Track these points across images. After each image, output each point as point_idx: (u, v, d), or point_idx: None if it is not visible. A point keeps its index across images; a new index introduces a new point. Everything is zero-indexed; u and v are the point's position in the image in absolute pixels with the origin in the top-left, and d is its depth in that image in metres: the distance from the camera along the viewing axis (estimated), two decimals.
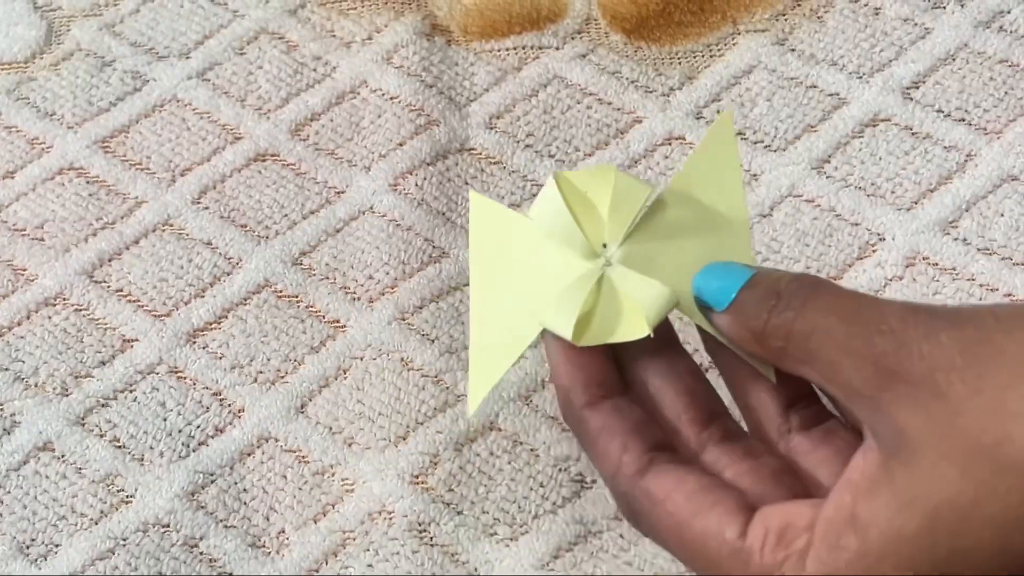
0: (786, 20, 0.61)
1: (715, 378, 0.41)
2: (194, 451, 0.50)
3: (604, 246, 0.41)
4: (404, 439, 0.50)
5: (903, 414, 0.34)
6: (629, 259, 0.41)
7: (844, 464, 0.36)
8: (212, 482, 0.50)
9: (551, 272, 0.41)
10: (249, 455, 0.50)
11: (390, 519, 0.49)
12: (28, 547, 0.49)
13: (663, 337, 0.41)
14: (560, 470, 0.49)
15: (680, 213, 0.42)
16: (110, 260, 0.55)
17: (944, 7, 0.61)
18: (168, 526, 0.49)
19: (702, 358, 0.45)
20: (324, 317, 0.54)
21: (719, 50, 0.60)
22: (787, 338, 0.37)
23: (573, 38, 0.61)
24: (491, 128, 0.59)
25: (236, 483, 0.50)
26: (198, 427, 0.51)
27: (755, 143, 0.57)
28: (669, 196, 0.42)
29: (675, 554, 0.38)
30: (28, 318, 0.54)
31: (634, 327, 0.39)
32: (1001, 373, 0.33)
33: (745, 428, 0.41)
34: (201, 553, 0.48)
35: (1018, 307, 0.35)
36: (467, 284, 0.54)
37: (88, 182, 0.58)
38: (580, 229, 0.41)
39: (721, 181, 0.43)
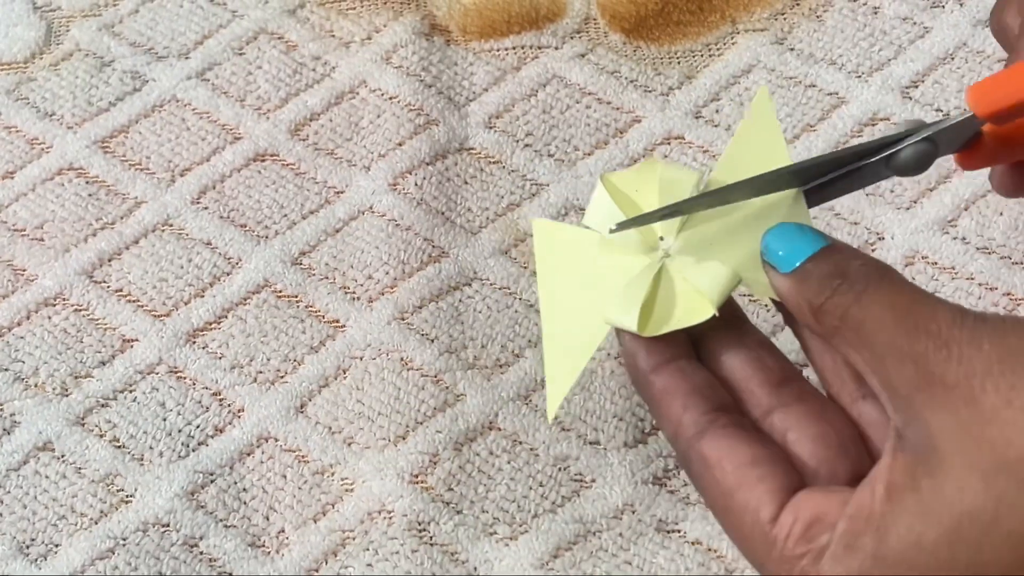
0: (785, 19, 0.61)
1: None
2: (194, 451, 0.51)
3: (661, 239, 0.41)
4: (403, 438, 0.50)
5: (935, 418, 0.34)
6: (687, 247, 0.41)
7: None
8: (212, 482, 0.50)
9: (612, 272, 0.42)
10: (249, 455, 0.50)
11: (390, 518, 0.49)
12: (28, 547, 0.49)
13: (731, 313, 0.41)
14: (559, 469, 0.49)
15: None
16: (110, 260, 0.55)
17: (943, 6, 0.61)
18: (168, 526, 0.49)
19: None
20: (324, 317, 0.54)
21: (718, 49, 0.60)
22: (843, 319, 0.36)
23: (572, 38, 0.61)
24: (490, 128, 0.59)
25: (236, 483, 0.50)
26: (198, 427, 0.51)
27: None
28: (719, 176, 0.42)
29: (719, 521, 0.38)
30: (28, 318, 0.54)
31: (699, 310, 0.40)
32: None
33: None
34: (201, 553, 0.48)
35: None
36: (466, 284, 0.54)
37: (88, 182, 0.58)
38: None
39: (766, 152, 0.42)
